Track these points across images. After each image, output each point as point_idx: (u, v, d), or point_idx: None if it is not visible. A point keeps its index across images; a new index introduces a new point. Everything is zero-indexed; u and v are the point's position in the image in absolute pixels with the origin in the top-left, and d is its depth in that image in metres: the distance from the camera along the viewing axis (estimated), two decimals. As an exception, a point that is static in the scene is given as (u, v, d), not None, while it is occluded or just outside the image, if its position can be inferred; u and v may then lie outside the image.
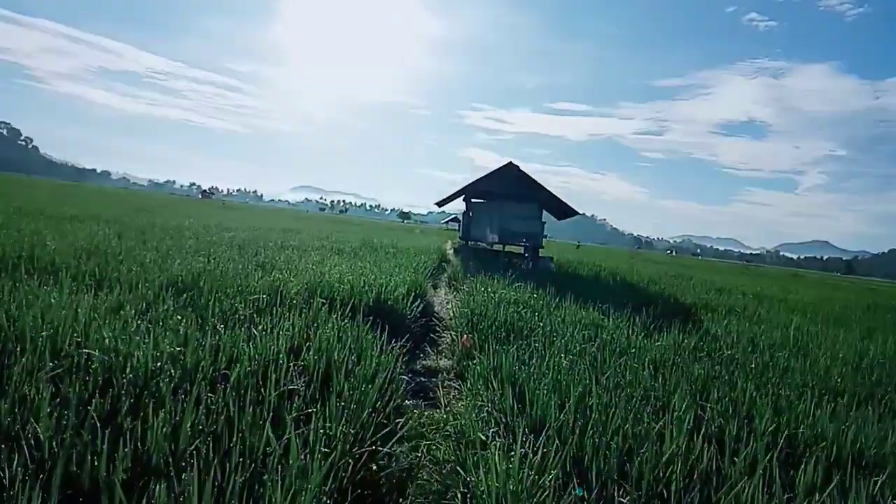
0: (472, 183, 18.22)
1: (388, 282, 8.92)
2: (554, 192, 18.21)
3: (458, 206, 22.56)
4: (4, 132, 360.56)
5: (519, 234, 17.88)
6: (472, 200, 19.02)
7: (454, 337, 7.16)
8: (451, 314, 8.77)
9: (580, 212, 19.32)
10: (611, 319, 8.04)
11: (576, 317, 7.90)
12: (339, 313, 6.38)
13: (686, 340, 7.09)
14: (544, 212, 19.10)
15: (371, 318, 7.07)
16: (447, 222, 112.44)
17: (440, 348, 7.31)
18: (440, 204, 19.91)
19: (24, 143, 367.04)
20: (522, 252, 18.65)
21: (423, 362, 6.82)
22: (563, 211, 19.29)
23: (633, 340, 6.68)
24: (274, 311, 5.76)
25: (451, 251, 22.59)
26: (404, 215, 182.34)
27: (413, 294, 9.08)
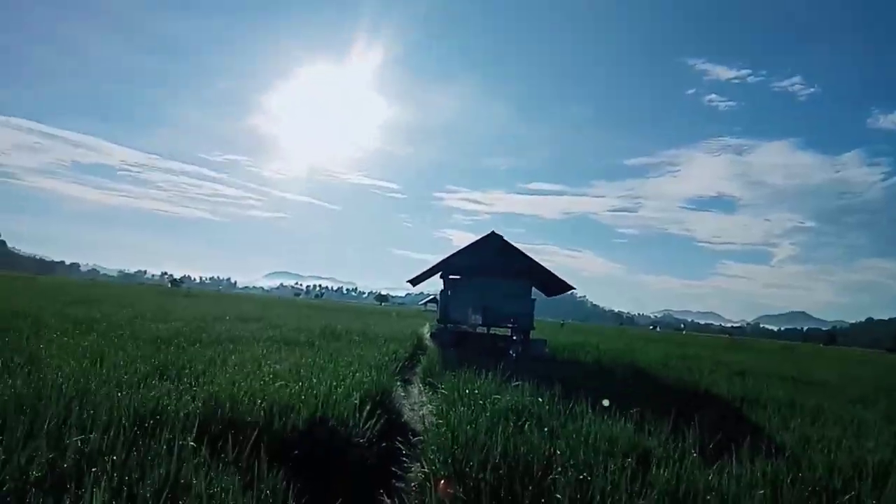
0: (450, 257, 15.97)
1: (334, 388, 6.42)
2: (543, 265, 16.02)
3: (437, 284, 20.18)
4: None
5: (506, 315, 15.47)
6: (451, 277, 16.71)
7: (427, 476, 4.64)
8: (425, 430, 6.23)
9: (574, 287, 17.08)
10: (652, 435, 5.59)
11: (604, 433, 5.43)
12: (234, 456, 3.87)
13: (773, 471, 4.65)
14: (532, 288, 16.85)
15: (297, 453, 4.56)
16: (425, 303, 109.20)
17: (408, 493, 4.77)
18: (413, 282, 17.49)
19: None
20: (510, 335, 16.21)
21: (379, 526, 4.28)
22: (555, 286, 17.03)
23: (709, 480, 4.23)
24: (112, 462, 3.22)
25: (429, 336, 20.02)
26: (381, 298, 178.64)
27: (372, 402, 6.62)
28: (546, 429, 5.38)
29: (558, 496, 3.76)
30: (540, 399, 6.90)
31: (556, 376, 9.45)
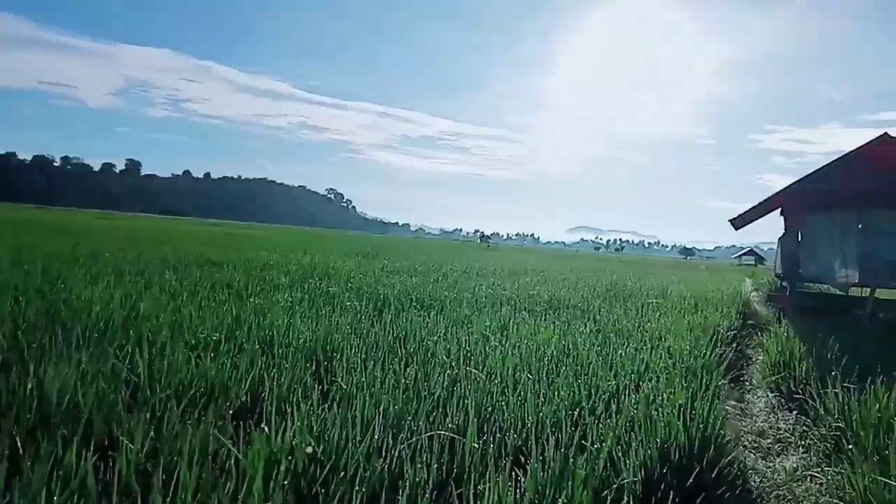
0: (799, 182, 10.29)
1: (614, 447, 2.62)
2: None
3: (767, 229, 14.37)
4: (332, 197, 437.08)
5: (905, 269, 9.28)
6: (800, 214, 11.01)
7: None
8: None
9: None
10: None
11: None
12: None
13: None
14: None
15: None
16: (740, 256, 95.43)
17: None
18: (737, 223, 12.14)
19: (345, 205, 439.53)
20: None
21: None
22: None
23: None
24: None
25: (758, 301, 14.30)
26: (686, 251, 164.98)
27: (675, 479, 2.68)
28: None
29: None
30: None
31: None
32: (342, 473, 2.21)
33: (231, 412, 2.82)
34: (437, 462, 2.35)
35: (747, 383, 6.58)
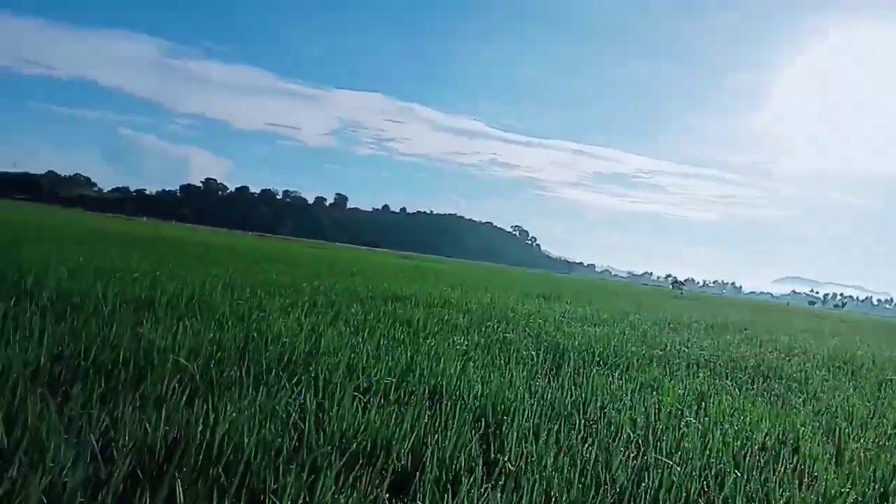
0: None
1: None
2: None
3: None
4: (517, 234, 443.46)
5: None
6: None
7: None
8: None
9: None
10: None
11: None
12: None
13: None
14: None
15: None
16: None
17: None
18: None
19: (529, 242, 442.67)
20: None
21: None
22: None
23: None
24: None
25: None
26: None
27: None
28: None
29: None
30: None
31: None
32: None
33: (388, 478, 2.61)
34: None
35: None
